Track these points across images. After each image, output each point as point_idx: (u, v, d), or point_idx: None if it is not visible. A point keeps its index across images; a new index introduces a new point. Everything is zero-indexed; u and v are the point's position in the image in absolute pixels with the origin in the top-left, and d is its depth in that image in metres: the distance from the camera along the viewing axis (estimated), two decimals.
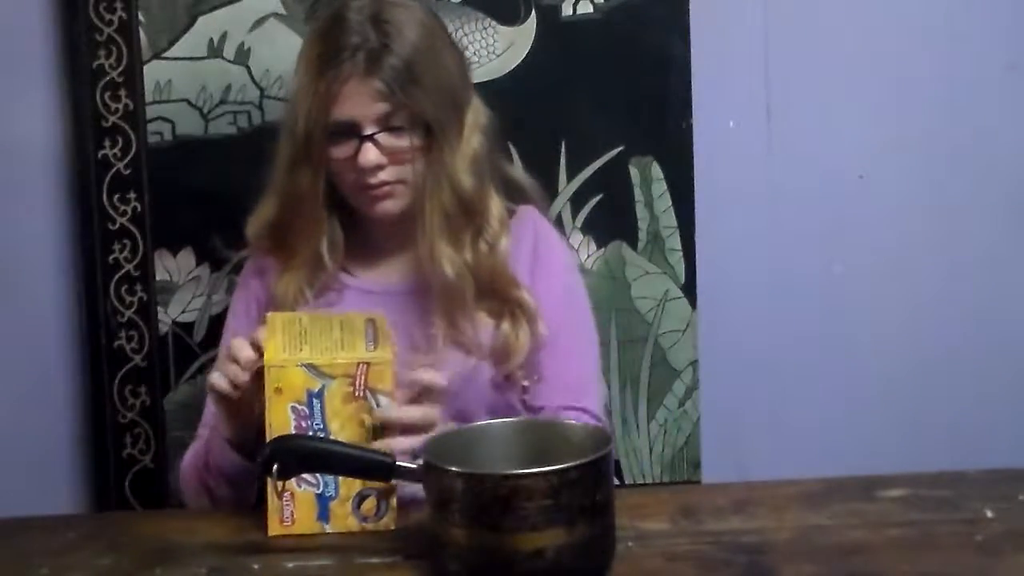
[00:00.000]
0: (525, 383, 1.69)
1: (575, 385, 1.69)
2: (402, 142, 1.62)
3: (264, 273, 1.74)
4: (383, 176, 1.63)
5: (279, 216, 1.69)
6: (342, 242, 1.70)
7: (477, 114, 1.69)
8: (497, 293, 1.67)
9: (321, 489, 1.45)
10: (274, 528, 1.45)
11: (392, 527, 1.45)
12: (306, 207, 1.66)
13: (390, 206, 1.66)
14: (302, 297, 1.68)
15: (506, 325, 1.66)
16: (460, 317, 1.65)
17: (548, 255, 1.74)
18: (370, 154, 1.61)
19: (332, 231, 1.69)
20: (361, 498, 1.45)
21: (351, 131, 1.61)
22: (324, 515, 1.45)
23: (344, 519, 1.45)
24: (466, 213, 1.66)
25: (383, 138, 1.61)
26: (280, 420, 1.44)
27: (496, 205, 1.69)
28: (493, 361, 1.67)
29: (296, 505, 1.45)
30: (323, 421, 1.44)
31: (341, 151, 1.63)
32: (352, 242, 1.71)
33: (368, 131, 1.61)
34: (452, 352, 1.65)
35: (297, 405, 1.44)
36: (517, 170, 1.84)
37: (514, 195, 1.77)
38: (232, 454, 1.57)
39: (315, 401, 1.45)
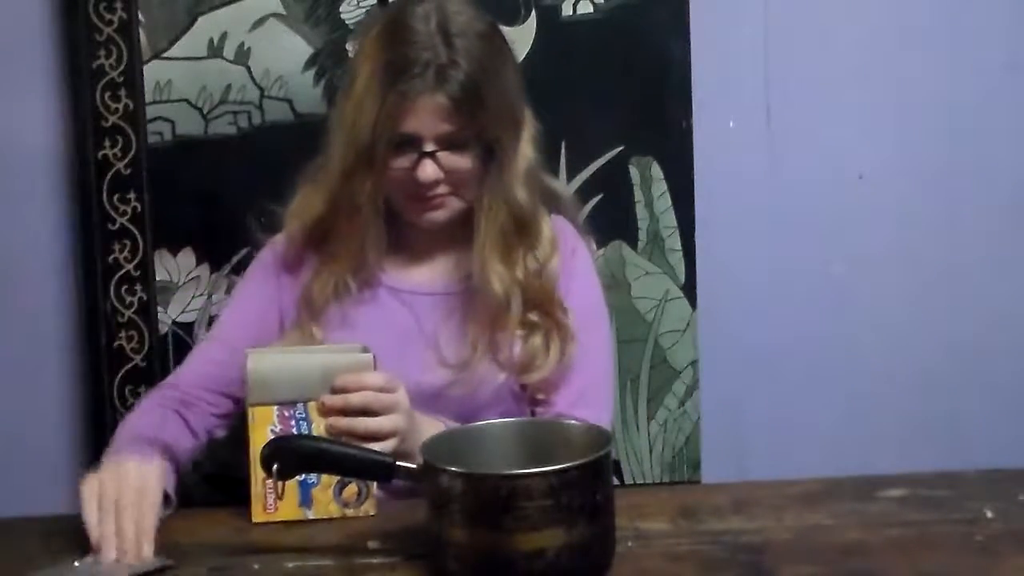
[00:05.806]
0: (539, 396, 1.69)
1: (575, 395, 1.68)
2: (462, 160, 1.62)
3: (299, 266, 1.71)
4: (438, 190, 1.63)
5: (330, 217, 1.67)
6: (385, 241, 1.69)
7: (529, 126, 1.69)
8: (539, 309, 1.66)
9: (303, 476, 1.47)
10: (258, 515, 1.48)
11: (372, 512, 1.49)
12: (362, 215, 1.64)
13: (438, 216, 1.66)
14: (345, 291, 1.67)
15: (537, 339, 1.66)
16: (498, 332, 1.65)
17: (576, 269, 1.73)
18: (428, 169, 1.60)
19: (379, 231, 1.68)
20: (342, 485, 1.49)
21: (412, 144, 1.61)
22: (306, 501, 1.49)
23: (326, 505, 1.49)
24: (520, 230, 1.65)
25: (443, 155, 1.61)
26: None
27: (547, 223, 1.69)
28: (516, 371, 1.66)
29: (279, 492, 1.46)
30: (305, 410, 1.49)
31: (399, 162, 1.62)
32: (387, 240, 1.70)
33: (429, 147, 1.60)
34: (486, 365, 1.65)
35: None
36: (553, 179, 1.83)
37: (548, 204, 1.76)
38: None
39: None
